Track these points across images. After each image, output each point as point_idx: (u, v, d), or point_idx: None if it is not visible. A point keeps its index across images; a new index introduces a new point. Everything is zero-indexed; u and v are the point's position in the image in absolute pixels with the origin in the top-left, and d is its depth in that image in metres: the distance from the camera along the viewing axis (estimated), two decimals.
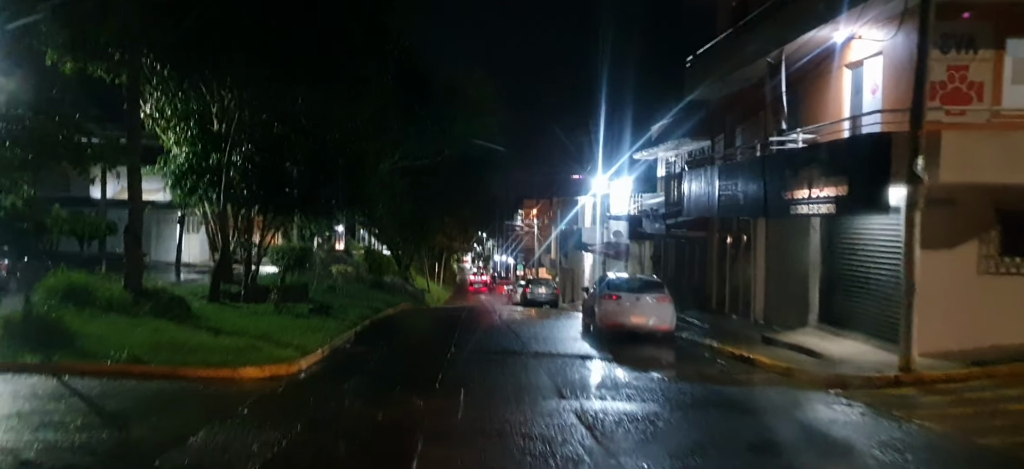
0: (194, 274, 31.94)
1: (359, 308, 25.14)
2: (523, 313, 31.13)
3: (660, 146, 27.78)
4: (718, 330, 19.31)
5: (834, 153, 14.15)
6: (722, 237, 22.77)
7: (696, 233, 23.99)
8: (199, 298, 21.04)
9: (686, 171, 24.43)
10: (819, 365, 13.43)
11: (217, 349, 13.04)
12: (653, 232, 27.62)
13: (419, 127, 33.50)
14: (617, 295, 18.97)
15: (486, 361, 14.95)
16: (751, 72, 18.79)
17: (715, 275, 23.25)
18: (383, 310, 27.40)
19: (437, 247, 63.49)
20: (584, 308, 21.72)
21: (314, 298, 25.55)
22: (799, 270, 17.73)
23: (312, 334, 16.39)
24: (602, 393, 11.29)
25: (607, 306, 18.94)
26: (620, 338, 18.36)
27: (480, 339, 18.83)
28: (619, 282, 19.69)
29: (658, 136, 29.11)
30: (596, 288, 20.84)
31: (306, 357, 13.79)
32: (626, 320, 18.65)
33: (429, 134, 34.47)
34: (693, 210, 22.52)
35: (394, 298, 35.67)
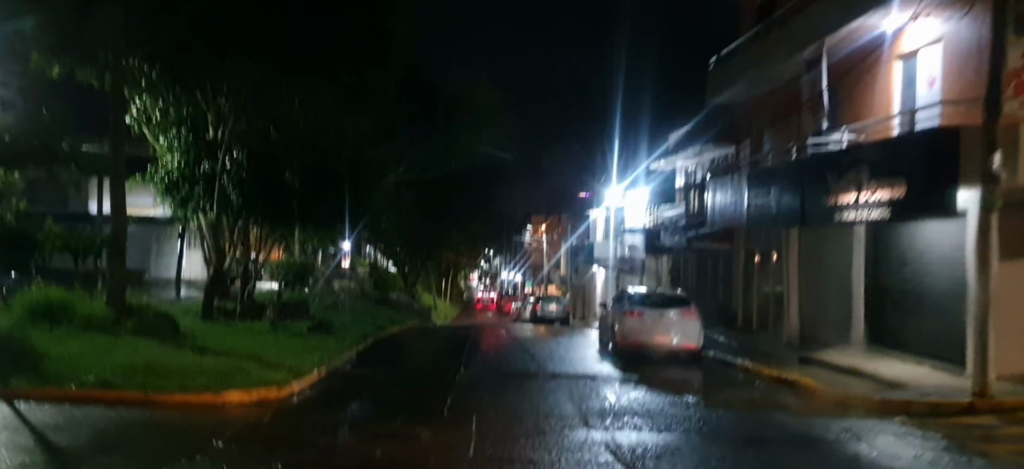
0: (195, 291, 30.71)
1: (362, 326, 23.76)
2: (534, 331, 29.68)
3: (678, 155, 26.40)
4: (748, 349, 17.84)
5: (888, 152, 12.74)
6: (749, 249, 21.32)
7: (720, 245, 22.54)
8: (192, 316, 19.74)
9: (709, 180, 23.03)
10: (874, 389, 11.94)
11: (201, 371, 11.63)
12: (672, 245, 26.19)
13: (424, 137, 32.21)
14: (639, 311, 17.53)
15: (499, 383, 13.51)
16: (783, 70, 17.42)
17: (741, 290, 21.77)
18: (387, 328, 26.00)
19: (444, 263, 62.13)
20: (601, 325, 20.28)
21: (315, 315, 24.20)
22: (839, 284, 16.25)
23: (309, 354, 14.99)
24: (635, 422, 9.84)
25: (628, 323, 17.50)
26: (642, 357, 16.93)
27: (491, 358, 17.40)
28: (641, 297, 18.24)
29: (676, 145, 27.74)
30: (614, 304, 19.40)
31: (300, 380, 12.39)
32: (649, 338, 17.20)
33: (434, 145, 33.17)
34: (718, 221, 21.11)
35: (399, 316, 34.30)
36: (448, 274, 68.87)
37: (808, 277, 18.06)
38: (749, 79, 19.39)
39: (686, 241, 24.58)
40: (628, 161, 32.34)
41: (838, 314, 16.27)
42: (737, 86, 20.42)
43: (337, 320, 23.90)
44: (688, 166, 26.80)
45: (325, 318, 24.36)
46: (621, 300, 18.59)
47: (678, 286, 27.20)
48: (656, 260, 30.52)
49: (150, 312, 16.31)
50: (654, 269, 30.81)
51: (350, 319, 25.55)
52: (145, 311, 16.31)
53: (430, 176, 38.71)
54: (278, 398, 11.11)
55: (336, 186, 21.59)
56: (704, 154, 24.34)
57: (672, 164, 27.99)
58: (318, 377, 13.39)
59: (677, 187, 27.97)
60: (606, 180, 34.50)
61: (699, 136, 24.76)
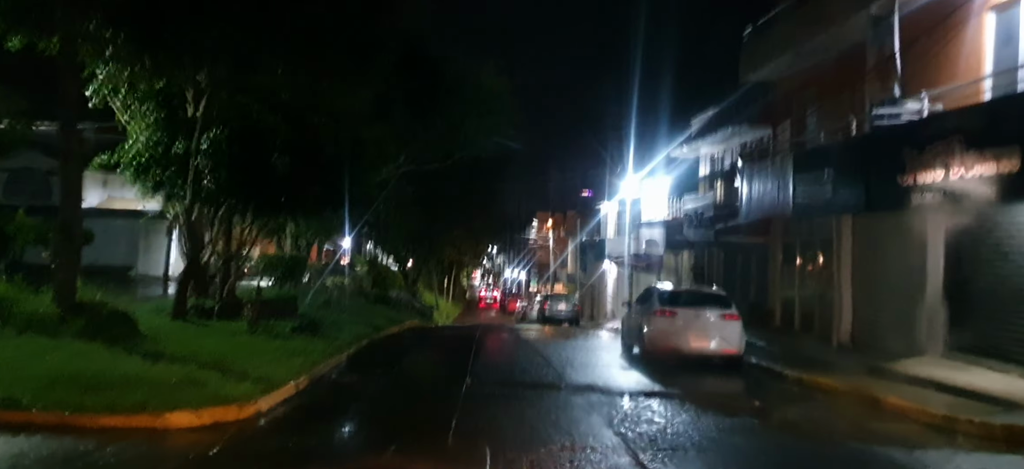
0: None
1: (356, 326, 21.49)
2: (543, 332, 27.37)
3: (703, 141, 24.08)
4: (795, 356, 15.52)
5: (991, 117, 10.40)
6: (788, 242, 18.98)
7: (754, 238, 20.21)
8: (163, 314, 17.51)
9: (741, 167, 20.70)
10: (982, 409, 9.60)
11: (144, 384, 9.33)
12: (696, 239, 23.87)
13: (426, 122, 29.87)
14: (672, 310, 15.22)
15: (515, 398, 11.21)
16: (839, 34, 15.12)
17: (778, 288, 19.43)
18: (385, 328, 23.73)
19: (446, 261, 59.96)
20: (624, 327, 17.97)
21: (305, 314, 21.93)
22: (906, 280, 13.92)
23: (287, 360, 12.72)
24: (698, 457, 7.54)
25: (659, 324, 15.20)
26: (676, 364, 14.67)
27: (501, 364, 15.10)
28: (673, 294, 15.90)
29: (700, 130, 25.43)
30: (640, 303, 17.10)
31: (271, 394, 10.10)
32: (684, 342, 14.91)
33: (437, 131, 30.80)
34: (753, 211, 18.79)
35: (399, 315, 32.03)
36: (451, 272, 66.69)
37: (864, 273, 15.72)
38: (793, 50, 17.09)
39: (714, 234, 22.25)
40: (645, 150, 30.03)
41: (904, 315, 13.94)
42: (777, 60, 18.12)
43: (329, 319, 21.65)
44: (714, 153, 24.48)
45: (316, 317, 22.11)
46: (649, 299, 16.27)
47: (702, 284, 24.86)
48: (676, 256, 28.19)
49: (104, 310, 14.00)
50: (673, 266, 28.48)
51: (344, 318, 23.30)
52: (98, 309, 14.01)
53: (433, 168, 36.41)
54: (238, 420, 8.81)
55: (328, 170, 19.29)
56: (734, 139, 22.03)
57: (696, 151, 25.67)
58: (295, 389, 11.10)
59: (701, 176, 25.64)
60: (621, 170, 32.15)
61: (728, 119, 22.45)
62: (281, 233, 32.32)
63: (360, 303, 30.51)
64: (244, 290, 24.66)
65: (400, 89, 25.02)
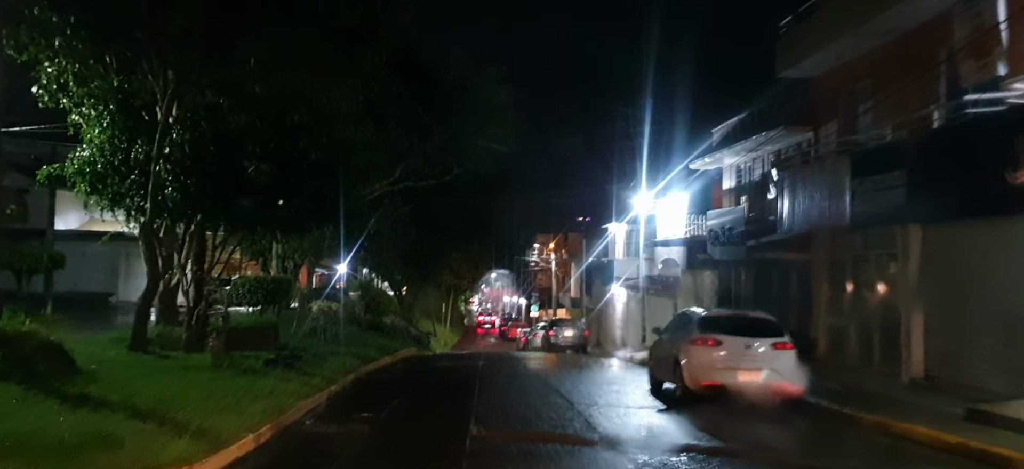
0: None
1: (343, 357, 19.00)
2: (552, 361, 24.89)
3: (727, 150, 21.75)
4: (862, 394, 13.07)
5: None
6: (836, 258, 16.54)
7: (794, 255, 17.78)
8: (121, 346, 15.08)
9: (776, 175, 18.38)
10: None
11: (34, 444, 6.86)
12: (723, 258, 21.44)
13: (422, 134, 27.55)
14: (715, 339, 12.78)
15: (539, 458, 8.69)
16: (909, 10, 12.80)
17: (824, 312, 16.96)
18: (377, 359, 21.23)
19: (443, 285, 57.56)
20: (654, 358, 15.49)
21: (286, 345, 19.49)
22: (1013, 305, 11.47)
23: (250, 404, 10.29)
24: None
25: (700, 356, 12.75)
26: (720, 404, 12.22)
27: (513, 405, 12.57)
28: (716, 320, 13.43)
29: (723, 139, 23.11)
30: (674, 330, 14.64)
31: (217, 454, 7.66)
32: (731, 378, 12.45)
33: (434, 144, 28.46)
34: (797, 223, 16.45)
35: (393, 343, 29.54)
36: (449, 297, 64.27)
37: (942, 294, 13.27)
38: (847, 34, 14.78)
39: (744, 252, 19.83)
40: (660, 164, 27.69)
41: (1006, 346, 11.49)
42: (825, 49, 15.84)
43: (313, 350, 19.19)
44: (741, 163, 22.13)
45: (299, 348, 19.70)
46: (686, 325, 13.81)
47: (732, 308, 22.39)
48: (695, 277, 25.75)
49: (32, 342, 11.52)
50: (693, 288, 26.03)
51: (331, 348, 20.82)
52: (25, 340, 11.53)
53: (430, 185, 34.12)
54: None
55: (312, 180, 16.89)
56: (765, 146, 19.69)
57: (718, 162, 23.33)
58: (254, 444, 8.66)
59: (725, 189, 23.28)
60: (633, 186, 29.79)
61: (758, 125, 20.13)
62: (266, 254, 29.97)
63: (351, 331, 28.06)
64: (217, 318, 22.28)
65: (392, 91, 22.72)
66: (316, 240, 30.74)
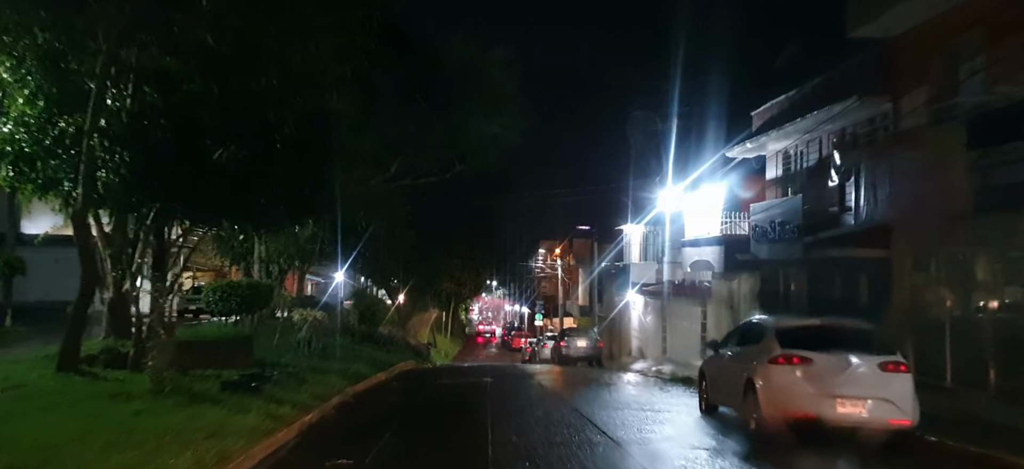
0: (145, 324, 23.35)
1: (329, 375, 16.02)
2: (567, 378, 21.88)
3: (774, 133, 18.73)
4: (987, 426, 10.08)
5: None
6: (929, 253, 13.50)
7: (868, 251, 14.72)
8: (51, 364, 12.25)
9: (838, 158, 15.42)
10: None
11: None
12: (771, 257, 18.44)
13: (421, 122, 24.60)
14: (802, 357, 9.76)
15: None
16: None
17: (910, 318, 13.89)
18: (369, 376, 18.22)
19: (444, 293, 54.53)
20: (708, 379, 12.43)
21: (263, 360, 16.57)
22: None
23: (175, 454, 7.27)
24: None
25: (784, 379, 9.75)
26: (808, 439, 9.27)
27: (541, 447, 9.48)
28: (802, 331, 10.39)
29: (767, 123, 20.13)
30: (739, 344, 11.62)
31: None
32: (828, 408, 9.47)
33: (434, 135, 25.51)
34: (875, 212, 13.45)
35: (390, 356, 26.55)
36: (449, 306, 61.23)
37: None
38: None
39: (802, 249, 16.81)
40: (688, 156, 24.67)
41: None
42: None
43: (293, 367, 16.24)
44: (790, 148, 19.12)
45: (276, 364, 16.77)
46: (758, 337, 10.77)
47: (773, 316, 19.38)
48: (729, 282, 22.71)
49: None
50: (726, 295, 22.99)
51: (316, 364, 17.87)
52: None
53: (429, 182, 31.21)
54: None
55: (288, 163, 13.88)
56: (825, 126, 16.66)
57: (760, 149, 20.32)
58: None
59: (771, 178, 20.26)
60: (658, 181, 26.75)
61: (815, 100, 17.13)
62: (249, 258, 26.98)
63: (343, 343, 25.08)
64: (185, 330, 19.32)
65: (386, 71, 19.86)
66: (303, 242, 27.85)
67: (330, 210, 16.00)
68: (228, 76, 12.45)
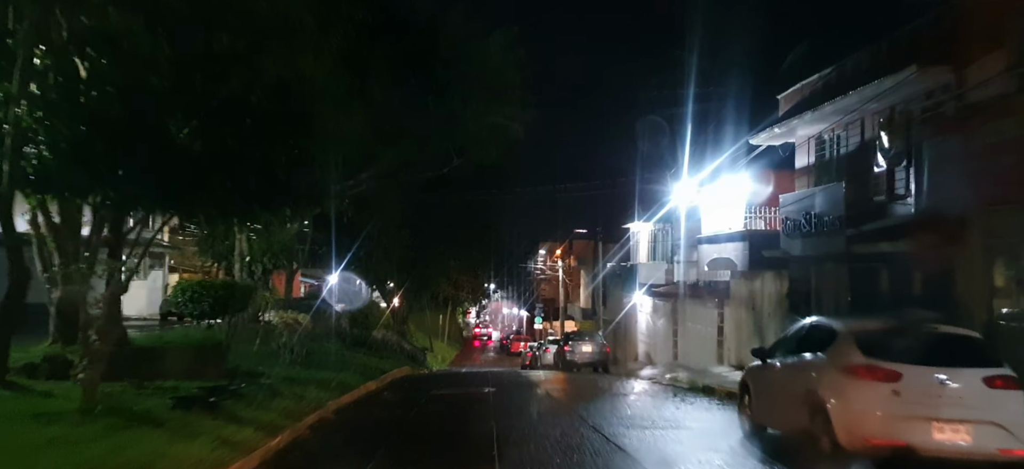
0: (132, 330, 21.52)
1: (309, 387, 14.05)
2: (574, 387, 19.94)
3: (808, 115, 16.78)
4: None
5: None
6: (1004, 248, 11.57)
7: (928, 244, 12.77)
8: None
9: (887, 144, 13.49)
10: None
11: None
12: (807, 252, 16.51)
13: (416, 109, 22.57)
14: (888, 369, 7.81)
15: None
16: None
17: (984, 323, 11.95)
18: (357, 386, 16.26)
19: (441, 296, 52.59)
20: (757, 392, 10.46)
21: (237, 368, 14.69)
22: None
23: None
24: None
25: (864, 396, 7.82)
26: None
27: None
28: (882, 336, 8.41)
29: (797, 106, 18.19)
30: (791, 350, 9.66)
31: None
32: (922, 434, 7.56)
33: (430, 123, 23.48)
34: (944, 198, 11.52)
35: (383, 363, 24.57)
36: (446, 309, 59.30)
37: None
38: None
39: (844, 243, 14.85)
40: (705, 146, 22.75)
41: None
42: None
43: (269, 377, 14.30)
44: (826, 132, 17.16)
45: (252, 373, 14.85)
46: (824, 341, 8.80)
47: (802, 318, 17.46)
48: (750, 282, 20.76)
49: None
50: (746, 296, 21.04)
51: (297, 372, 15.92)
52: None
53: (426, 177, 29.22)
54: None
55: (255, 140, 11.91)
56: (870, 104, 14.72)
57: (789, 134, 18.38)
58: None
59: (801, 166, 18.30)
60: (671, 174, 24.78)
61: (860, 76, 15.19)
62: (230, 257, 24.99)
63: (332, 348, 23.16)
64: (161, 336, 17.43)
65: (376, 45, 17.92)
66: (289, 240, 25.89)
67: (310, 199, 14.03)
68: (182, 33, 10.47)
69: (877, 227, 14.12)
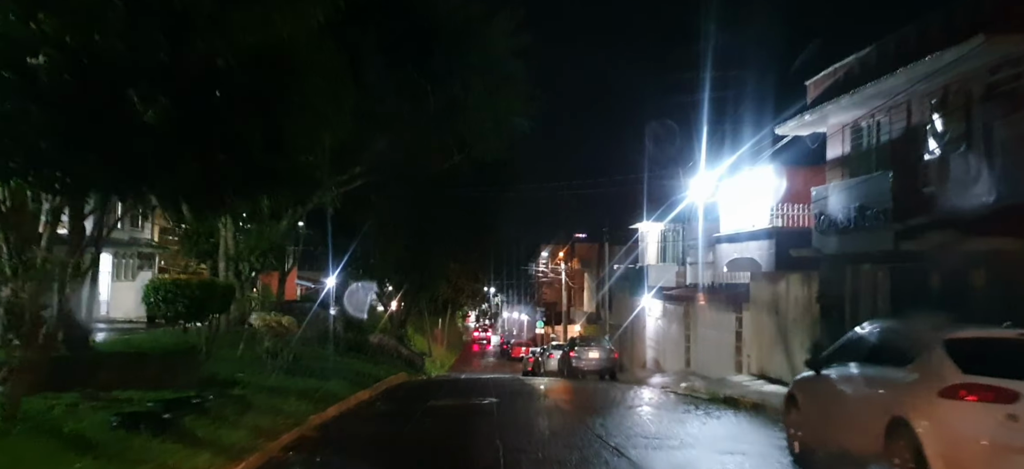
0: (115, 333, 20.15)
1: (289, 398, 12.47)
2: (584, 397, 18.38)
3: (844, 100, 15.20)
4: None
5: None
6: None
7: (999, 240, 11.18)
8: None
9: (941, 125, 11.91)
10: None
11: None
12: (842, 251, 14.94)
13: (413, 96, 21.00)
14: (998, 388, 6.21)
15: None
16: None
17: None
18: (345, 396, 14.71)
19: (440, 299, 51.12)
20: (810, 410, 8.86)
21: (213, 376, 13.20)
22: None
23: None
24: None
25: (969, 423, 6.24)
26: None
27: None
28: (988, 346, 6.80)
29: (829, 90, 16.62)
30: (855, 360, 8.06)
31: None
32: None
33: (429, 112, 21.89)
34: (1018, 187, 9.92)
35: (377, 369, 23.02)
36: (445, 312, 57.74)
37: None
38: None
39: (892, 239, 13.27)
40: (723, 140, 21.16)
41: None
42: None
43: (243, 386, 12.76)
44: (863, 118, 15.58)
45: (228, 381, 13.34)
46: (905, 351, 7.20)
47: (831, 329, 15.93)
48: (773, 284, 19.18)
49: None
50: (768, 299, 19.46)
51: (280, 381, 14.38)
52: None
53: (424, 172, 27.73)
54: None
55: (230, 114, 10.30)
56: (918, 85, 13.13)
57: (820, 121, 16.79)
58: None
59: (833, 158, 16.70)
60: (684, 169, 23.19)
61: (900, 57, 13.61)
62: (215, 255, 23.39)
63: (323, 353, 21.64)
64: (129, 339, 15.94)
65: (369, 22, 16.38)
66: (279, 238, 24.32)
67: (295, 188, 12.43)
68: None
69: (931, 220, 12.54)
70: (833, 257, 15.66)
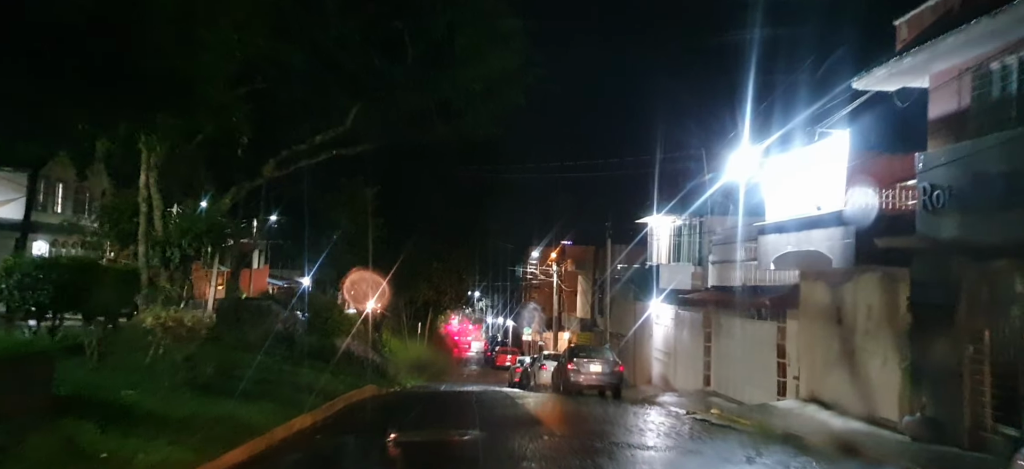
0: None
1: (167, 432, 8.17)
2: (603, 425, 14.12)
3: (958, 34, 11.07)
4: None
5: None
6: None
7: None
8: None
9: None
10: None
11: None
12: (965, 237, 10.80)
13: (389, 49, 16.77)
14: None
15: None
16: None
17: None
18: (268, 428, 10.40)
19: (421, 300, 46.98)
20: None
21: (76, 397, 8.96)
22: None
23: None
24: None
25: None
26: None
27: None
28: None
29: (940, 22, 12.46)
30: None
31: None
32: None
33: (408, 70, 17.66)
34: None
35: (337, 381, 18.67)
36: (426, 316, 53.48)
37: None
38: None
39: None
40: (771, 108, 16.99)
41: None
42: None
43: (125, 411, 8.49)
44: (996, 56, 11.40)
45: (91, 403, 9.09)
46: None
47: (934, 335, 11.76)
48: (834, 287, 15.02)
49: None
50: (827, 304, 15.31)
51: (176, 404, 10.13)
52: None
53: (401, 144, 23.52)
54: None
55: None
56: None
57: (920, 69, 12.60)
58: None
59: (936, 116, 12.43)
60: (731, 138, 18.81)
61: None
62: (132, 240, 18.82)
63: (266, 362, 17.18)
64: None
65: None
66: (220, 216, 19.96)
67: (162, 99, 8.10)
68: None
69: None
70: (946, 245, 11.49)
